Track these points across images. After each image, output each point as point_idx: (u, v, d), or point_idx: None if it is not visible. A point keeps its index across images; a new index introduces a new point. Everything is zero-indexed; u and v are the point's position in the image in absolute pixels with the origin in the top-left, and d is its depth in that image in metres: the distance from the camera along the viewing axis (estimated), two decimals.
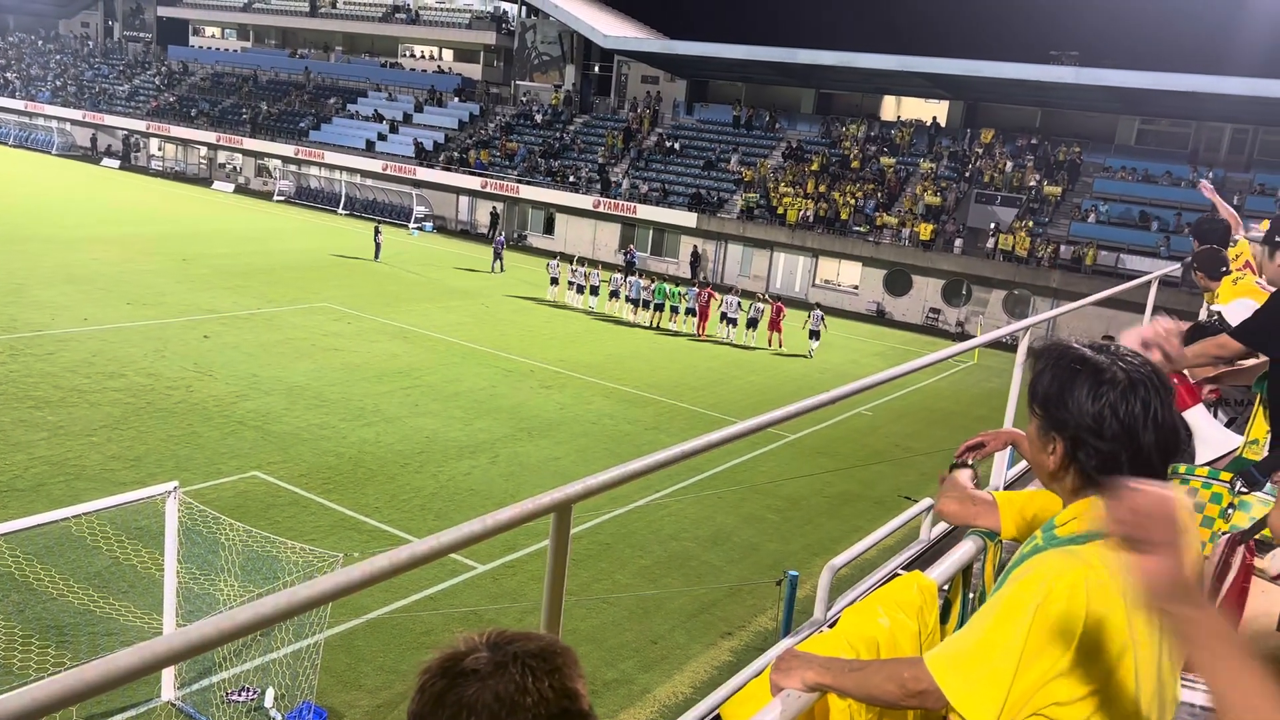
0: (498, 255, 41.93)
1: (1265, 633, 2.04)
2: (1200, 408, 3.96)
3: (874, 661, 1.99)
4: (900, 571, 2.75)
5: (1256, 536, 2.17)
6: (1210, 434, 3.88)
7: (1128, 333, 2.93)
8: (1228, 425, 4.34)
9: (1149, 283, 8.08)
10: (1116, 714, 1.65)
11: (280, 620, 1.70)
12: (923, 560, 4.08)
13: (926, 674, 1.75)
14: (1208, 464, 3.73)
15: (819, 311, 33.20)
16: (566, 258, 39.83)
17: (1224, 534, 2.24)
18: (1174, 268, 10.54)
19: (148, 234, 39.38)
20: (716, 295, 33.74)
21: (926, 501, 4.42)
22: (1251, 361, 3.82)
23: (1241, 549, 2.11)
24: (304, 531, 14.45)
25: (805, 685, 1.89)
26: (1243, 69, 39.90)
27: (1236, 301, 5.13)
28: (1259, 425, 3.74)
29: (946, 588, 2.49)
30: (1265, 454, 3.54)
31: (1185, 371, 4.04)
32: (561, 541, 2.25)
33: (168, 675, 10.48)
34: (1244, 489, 3.02)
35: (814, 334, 32.61)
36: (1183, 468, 3.26)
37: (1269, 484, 2.97)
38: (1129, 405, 1.76)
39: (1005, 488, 4.04)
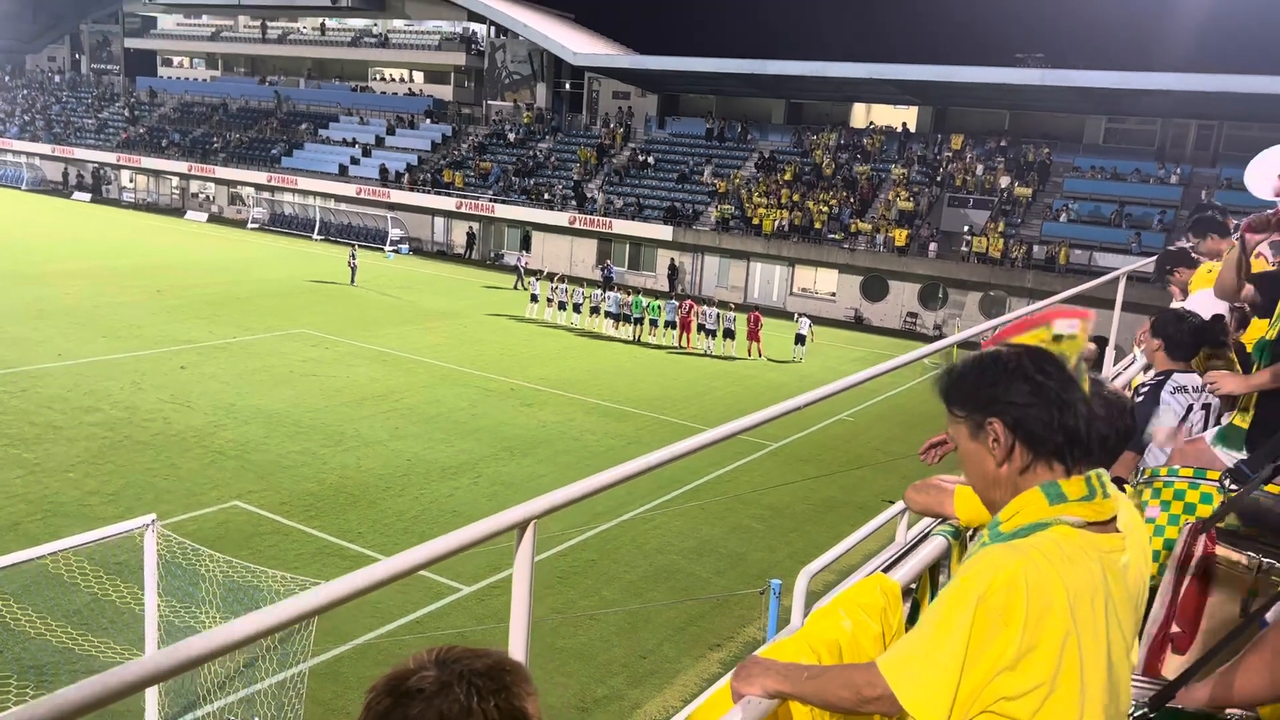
0: (519, 274, 43.17)
1: (1230, 620, 2.05)
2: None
3: (833, 667, 1.98)
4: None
5: (1218, 525, 2.18)
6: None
7: None
8: (1220, 414, 4.33)
9: (1118, 279, 8.14)
10: (1064, 706, 1.65)
11: (248, 644, 1.68)
12: (900, 563, 4.07)
13: (880, 678, 1.75)
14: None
15: (807, 320, 33.46)
16: (547, 275, 39.82)
17: (1188, 524, 2.26)
18: (1144, 263, 10.63)
19: (121, 266, 39.11)
20: (697, 307, 33.84)
21: (901, 504, 4.43)
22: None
23: (1203, 538, 2.12)
24: (286, 560, 14.33)
25: (765, 692, 1.88)
26: (1206, 65, 40.49)
27: (1200, 293, 5.16)
28: (1252, 394, 3.72)
29: (915, 587, 2.49)
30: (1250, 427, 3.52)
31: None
32: (526, 558, 2.23)
33: (151, 709, 10.35)
34: (1234, 486, 3.00)
35: (800, 338, 32.79)
36: (1164, 470, 3.23)
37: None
38: (1037, 367, 1.89)
39: None
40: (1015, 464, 1.86)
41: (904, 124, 50.18)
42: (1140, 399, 4.21)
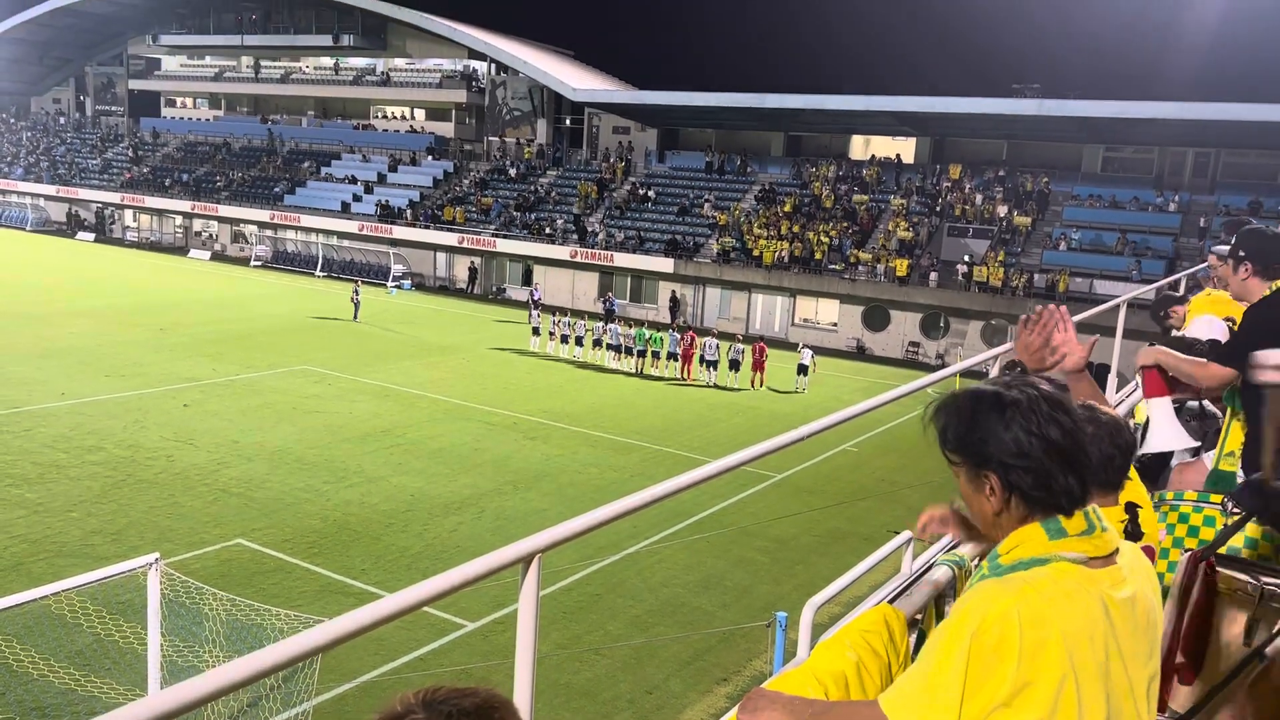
0: (531, 307, 42.68)
1: (1234, 649, 2.04)
2: (1165, 400, 3.98)
3: (838, 704, 1.97)
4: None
5: (1219, 552, 2.18)
6: (1164, 425, 3.90)
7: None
8: (1203, 437, 4.37)
9: (1118, 307, 8.16)
10: None
11: (251, 684, 1.68)
12: (905, 593, 4.06)
13: (883, 716, 1.74)
14: (1155, 454, 3.75)
15: (809, 350, 33.55)
16: (546, 309, 39.97)
17: (1188, 551, 2.26)
18: (1144, 290, 10.65)
19: (124, 305, 39.26)
20: (698, 339, 33.90)
21: (906, 534, 4.42)
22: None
23: (1203, 565, 2.12)
24: (290, 598, 14.26)
25: None
26: (1202, 94, 40.80)
27: (1198, 319, 5.18)
28: (1235, 437, 3.76)
29: (920, 618, 2.49)
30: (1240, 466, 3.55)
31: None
32: (531, 593, 2.23)
33: None
34: (1236, 510, 3.01)
35: (802, 369, 32.83)
36: (1170, 494, 3.25)
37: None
38: (1035, 412, 1.80)
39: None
40: (1013, 514, 1.85)
41: (897, 154, 50.45)
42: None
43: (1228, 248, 4.55)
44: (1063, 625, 1.66)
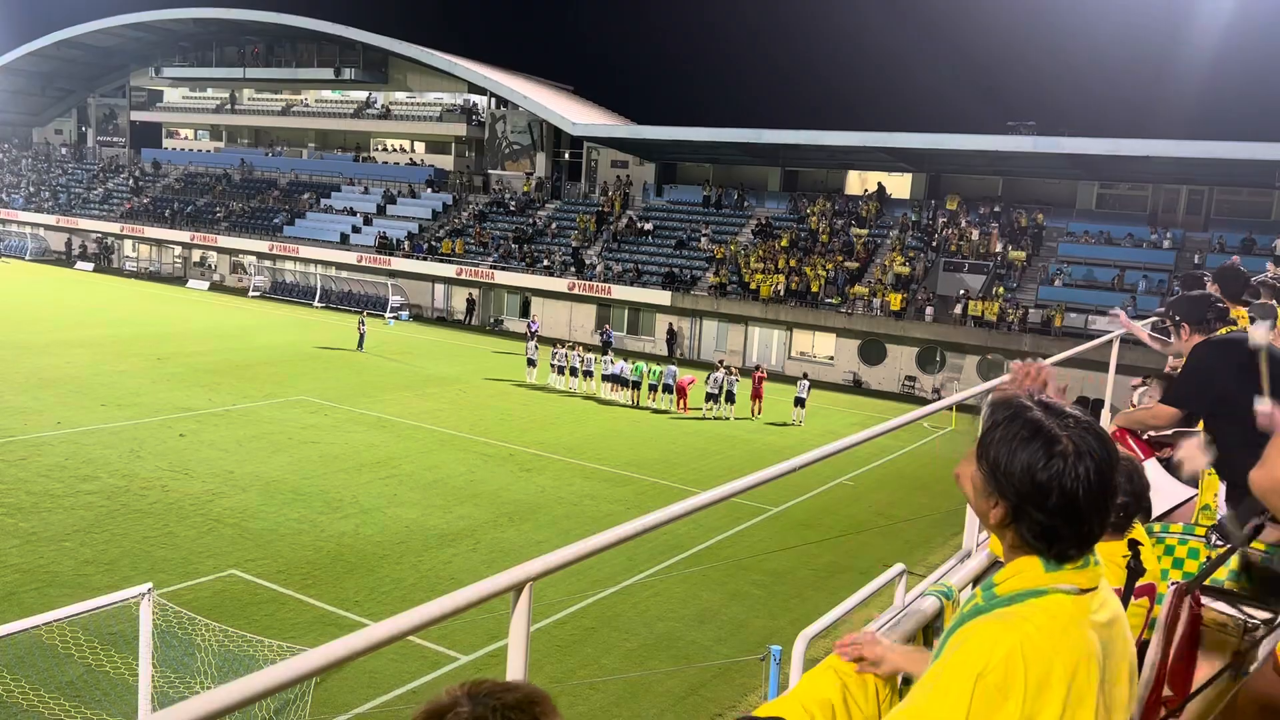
0: (529, 338, 42.50)
1: (1219, 679, 2.06)
2: (1153, 461, 4.08)
3: None
4: None
5: (1204, 583, 2.21)
6: (1163, 485, 3.98)
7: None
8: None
9: (1110, 342, 8.21)
10: None
11: (245, 706, 1.68)
12: (894, 624, 4.06)
13: None
14: (1164, 515, 3.80)
15: (806, 381, 33.63)
16: (544, 341, 40.03)
17: (1173, 583, 2.29)
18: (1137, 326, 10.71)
19: (122, 335, 39.27)
20: (695, 378, 34.00)
21: (899, 567, 4.44)
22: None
23: (1189, 598, 2.14)
24: (283, 629, 14.18)
25: None
26: (1195, 132, 41.23)
27: None
28: (1207, 492, 3.83)
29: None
30: (1219, 515, 3.61)
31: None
32: (523, 622, 2.24)
33: None
34: (1219, 542, 3.05)
35: (799, 401, 32.86)
36: (1157, 526, 3.29)
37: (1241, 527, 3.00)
38: (1074, 477, 1.73)
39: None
40: (1008, 539, 1.85)
41: (879, 184, 50.75)
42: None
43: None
44: (1063, 659, 1.66)
